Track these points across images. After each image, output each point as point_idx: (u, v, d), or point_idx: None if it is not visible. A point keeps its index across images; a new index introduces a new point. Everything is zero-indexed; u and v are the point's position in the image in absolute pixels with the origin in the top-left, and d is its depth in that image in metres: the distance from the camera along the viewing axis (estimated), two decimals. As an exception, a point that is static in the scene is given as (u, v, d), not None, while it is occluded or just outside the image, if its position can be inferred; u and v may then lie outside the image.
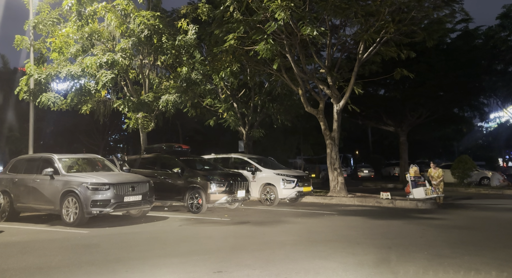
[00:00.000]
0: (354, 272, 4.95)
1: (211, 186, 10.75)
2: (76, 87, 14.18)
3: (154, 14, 13.69)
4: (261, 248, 6.42)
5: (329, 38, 14.43)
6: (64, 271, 5.18)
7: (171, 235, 7.86)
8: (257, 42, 12.73)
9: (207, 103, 18.15)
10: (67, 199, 8.89)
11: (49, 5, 14.58)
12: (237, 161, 14.25)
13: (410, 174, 13.68)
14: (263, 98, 19.05)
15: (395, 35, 13.40)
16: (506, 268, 5.19)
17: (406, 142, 24.07)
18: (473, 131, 40.70)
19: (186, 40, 14.14)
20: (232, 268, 5.16)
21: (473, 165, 20.53)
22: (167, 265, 5.43)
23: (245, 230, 8.27)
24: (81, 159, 10.64)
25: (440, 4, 13.14)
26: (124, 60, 13.34)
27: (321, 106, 15.43)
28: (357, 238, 7.30)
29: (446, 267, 5.17)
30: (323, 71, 15.24)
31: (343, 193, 14.44)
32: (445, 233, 7.87)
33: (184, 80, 14.53)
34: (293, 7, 11.40)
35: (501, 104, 25.17)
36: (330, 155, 14.87)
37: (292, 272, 4.97)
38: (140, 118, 14.90)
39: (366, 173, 33.62)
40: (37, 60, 14.76)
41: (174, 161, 11.79)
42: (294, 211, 11.52)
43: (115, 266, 5.39)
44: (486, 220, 9.92)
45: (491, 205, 12.72)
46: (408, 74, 14.17)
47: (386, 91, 24.04)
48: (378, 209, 12.17)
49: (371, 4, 12.79)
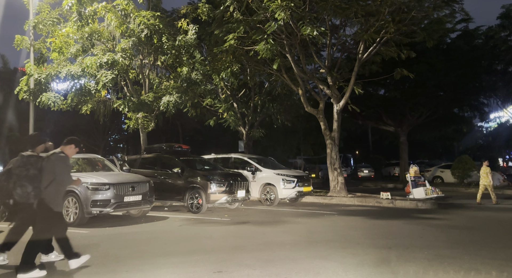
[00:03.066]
0: (354, 272, 4.95)
1: (211, 186, 10.75)
2: (76, 87, 14.19)
3: (154, 14, 13.69)
4: (261, 248, 6.42)
5: (329, 38, 14.43)
6: (64, 271, 5.18)
7: (171, 235, 7.86)
8: (257, 42, 12.73)
9: (207, 103, 18.15)
10: (67, 199, 8.88)
11: (49, 5, 14.59)
12: (237, 161, 14.24)
13: (410, 174, 13.68)
14: (263, 98, 19.06)
15: (395, 35, 13.40)
16: (506, 268, 5.18)
17: (406, 142, 24.07)
18: (473, 131, 40.69)
19: (186, 40, 14.15)
20: (232, 268, 5.16)
21: (473, 165, 20.52)
22: (167, 265, 5.43)
23: (245, 230, 8.27)
24: (81, 159, 10.63)
25: (440, 4, 13.14)
26: (124, 60, 13.34)
27: (321, 106, 15.43)
28: (357, 238, 7.30)
29: (446, 267, 5.17)
30: (323, 71, 15.25)
31: (343, 193, 14.44)
32: (445, 233, 7.87)
33: (185, 80, 14.54)
34: (293, 7, 11.39)
35: (501, 104, 25.17)
36: (330, 155, 14.87)
37: (292, 272, 4.97)
38: (140, 118, 14.91)
39: (366, 173, 33.61)
40: (37, 60, 14.77)
41: (174, 161, 11.79)
42: (294, 211, 11.52)
43: (115, 266, 5.39)
44: (486, 220, 9.92)
45: (491, 205, 12.71)
46: (408, 74, 14.17)
47: (386, 91, 24.04)
48: (378, 209, 12.16)
49: (371, 4, 12.79)
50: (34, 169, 5.15)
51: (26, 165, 5.15)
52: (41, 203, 5.14)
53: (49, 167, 5.17)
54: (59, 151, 5.31)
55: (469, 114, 26.32)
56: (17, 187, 5.12)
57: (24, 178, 5.10)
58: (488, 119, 40.05)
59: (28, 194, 5.10)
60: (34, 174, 5.13)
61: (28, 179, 5.10)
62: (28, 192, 5.09)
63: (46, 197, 5.12)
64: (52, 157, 5.24)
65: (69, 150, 5.40)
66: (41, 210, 5.16)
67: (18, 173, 5.15)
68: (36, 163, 5.20)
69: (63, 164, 5.25)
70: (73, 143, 5.42)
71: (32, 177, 5.11)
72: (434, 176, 23.33)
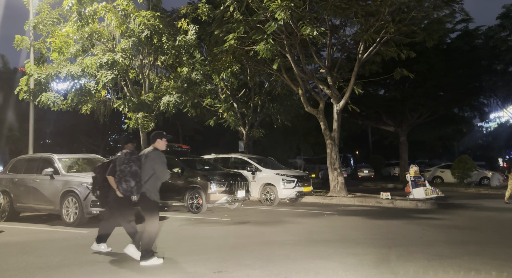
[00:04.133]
0: (354, 272, 4.95)
1: (211, 186, 10.75)
2: (76, 87, 14.19)
3: (154, 14, 13.68)
4: (261, 248, 6.42)
5: (329, 38, 14.43)
6: (64, 271, 5.18)
7: (171, 235, 7.86)
8: (257, 42, 12.72)
9: (207, 103, 18.15)
10: (67, 199, 8.89)
11: (49, 5, 14.57)
12: (237, 161, 14.25)
13: (410, 174, 13.68)
14: (263, 98, 19.06)
15: (395, 35, 13.39)
16: (506, 268, 5.18)
17: (406, 142, 24.06)
18: (473, 131, 40.64)
19: (186, 40, 14.14)
20: (232, 268, 5.16)
21: (473, 165, 20.53)
22: (167, 265, 5.43)
23: (245, 230, 8.27)
24: (81, 159, 10.63)
25: (440, 4, 13.14)
26: (124, 60, 13.33)
27: (321, 106, 15.43)
28: (357, 238, 7.30)
29: (446, 267, 5.17)
30: (323, 71, 15.24)
31: (343, 193, 14.44)
32: (445, 233, 7.86)
33: (185, 80, 14.53)
34: (293, 7, 11.39)
35: (501, 104, 25.15)
36: (330, 155, 14.87)
37: (292, 272, 4.97)
38: (140, 118, 14.90)
39: (366, 173, 33.63)
40: (37, 60, 14.76)
41: (174, 161, 11.78)
42: (294, 211, 11.52)
43: (115, 266, 5.39)
44: (486, 220, 9.92)
45: (491, 205, 12.71)
46: (408, 74, 14.17)
47: (386, 91, 24.04)
48: (378, 209, 12.16)
49: (371, 4, 12.78)
50: (136, 166, 5.64)
51: (129, 162, 5.64)
52: (142, 196, 5.63)
53: (149, 164, 5.61)
54: (154, 148, 5.75)
55: (469, 114, 26.31)
56: (122, 182, 5.60)
57: (128, 174, 5.58)
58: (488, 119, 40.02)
59: (132, 189, 5.60)
60: (135, 170, 5.63)
61: (131, 175, 5.59)
62: (131, 186, 5.59)
63: (146, 191, 5.59)
64: (151, 155, 5.67)
65: (159, 144, 5.78)
66: (143, 202, 5.64)
67: (123, 169, 5.62)
68: (137, 160, 5.70)
69: (161, 160, 5.67)
70: (158, 137, 5.77)
71: (134, 173, 5.61)
72: (434, 176, 23.34)
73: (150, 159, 5.64)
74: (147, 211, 5.59)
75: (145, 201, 5.59)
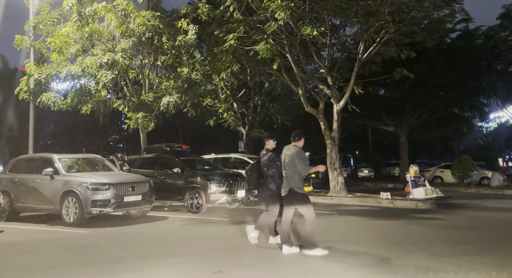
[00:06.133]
0: (354, 272, 4.95)
1: (211, 186, 10.75)
2: (76, 87, 14.20)
3: (154, 14, 13.69)
4: (261, 248, 6.42)
5: (329, 38, 14.43)
6: (64, 271, 5.18)
7: (171, 235, 7.86)
8: (257, 42, 12.72)
9: (207, 103, 18.15)
10: (67, 199, 8.89)
11: (49, 5, 14.60)
12: (237, 161, 14.24)
13: (410, 174, 13.67)
14: (263, 98, 19.06)
15: (395, 35, 13.39)
16: (506, 268, 5.18)
17: (406, 142, 24.05)
18: (473, 131, 40.68)
19: (186, 40, 14.15)
20: (232, 268, 5.16)
21: (473, 165, 20.52)
22: (167, 265, 5.43)
23: (245, 230, 8.25)
24: (81, 159, 10.64)
25: (440, 4, 13.13)
26: (124, 60, 13.34)
27: (321, 106, 15.42)
28: (357, 238, 7.30)
29: (446, 267, 5.16)
30: (323, 71, 15.24)
31: (343, 193, 14.43)
32: (445, 233, 7.86)
33: (185, 80, 14.53)
34: (293, 7, 11.38)
35: (501, 104, 25.13)
36: (330, 155, 14.86)
37: (292, 272, 4.97)
38: (140, 118, 14.91)
39: (366, 173, 33.61)
40: (37, 60, 14.77)
41: (174, 161, 11.79)
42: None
43: (115, 266, 5.39)
44: (486, 220, 9.91)
45: (491, 205, 12.71)
46: (408, 74, 14.16)
47: (386, 91, 24.02)
48: (378, 209, 12.16)
49: (371, 4, 12.77)
50: (275, 167, 6.30)
51: (270, 163, 6.33)
52: (291, 192, 6.07)
53: (293, 161, 6.03)
54: (295, 146, 6.19)
55: (469, 114, 26.28)
56: (267, 183, 6.35)
57: (269, 177, 6.34)
58: (488, 119, 40.06)
59: (272, 189, 6.33)
60: (273, 173, 6.32)
61: (271, 177, 6.33)
62: (272, 188, 6.33)
63: (294, 186, 6.04)
64: (294, 153, 6.06)
65: (301, 143, 6.26)
66: (294, 198, 6.08)
67: (266, 171, 6.36)
68: (274, 160, 6.34)
69: (302, 156, 6.06)
70: (302, 137, 6.28)
71: (273, 176, 6.33)
72: (434, 176, 23.33)
73: (293, 156, 6.03)
74: (301, 205, 6.04)
75: (296, 196, 6.05)
